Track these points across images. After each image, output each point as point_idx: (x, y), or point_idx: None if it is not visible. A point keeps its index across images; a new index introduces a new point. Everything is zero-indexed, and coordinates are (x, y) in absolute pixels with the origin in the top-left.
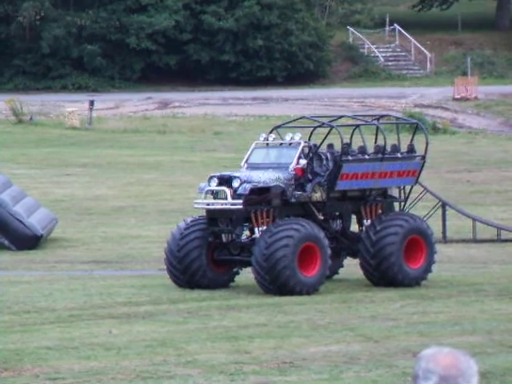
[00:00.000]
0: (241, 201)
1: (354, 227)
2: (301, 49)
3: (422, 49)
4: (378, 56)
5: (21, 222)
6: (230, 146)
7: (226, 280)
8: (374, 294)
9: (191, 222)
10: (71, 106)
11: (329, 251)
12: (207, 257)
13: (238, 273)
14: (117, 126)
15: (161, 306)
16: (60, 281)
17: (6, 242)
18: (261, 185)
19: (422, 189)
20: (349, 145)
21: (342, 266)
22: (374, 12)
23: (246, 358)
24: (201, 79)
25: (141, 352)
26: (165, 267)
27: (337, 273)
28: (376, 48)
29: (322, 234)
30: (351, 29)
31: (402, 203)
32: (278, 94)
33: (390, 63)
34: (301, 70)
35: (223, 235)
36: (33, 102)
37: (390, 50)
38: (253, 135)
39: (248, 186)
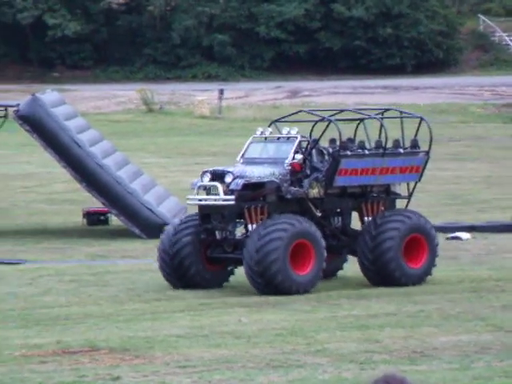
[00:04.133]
0: (233, 196)
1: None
2: (430, 37)
3: None
4: (509, 44)
5: (151, 210)
6: None
7: (221, 279)
8: (505, 283)
9: (185, 218)
10: (201, 95)
11: (324, 251)
12: (201, 255)
13: (233, 271)
14: (246, 114)
15: (290, 294)
16: None
17: (137, 231)
18: (254, 180)
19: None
20: (352, 140)
21: (344, 263)
22: (506, 0)
23: (376, 347)
24: (330, 68)
25: (270, 340)
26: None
27: (337, 271)
28: (507, 36)
29: (317, 232)
30: (482, 17)
31: (407, 200)
32: (408, 82)
33: None
34: (431, 58)
35: (217, 232)
36: (163, 92)
37: None
38: None
39: (240, 182)
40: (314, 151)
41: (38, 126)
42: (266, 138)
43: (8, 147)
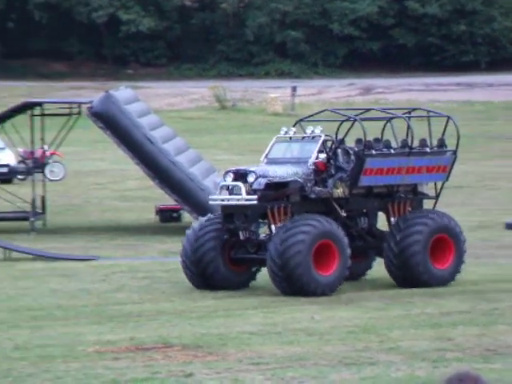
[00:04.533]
0: (255, 196)
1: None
2: (504, 34)
3: None
4: None
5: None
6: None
7: (246, 279)
8: None
9: (206, 221)
10: (273, 93)
11: (348, 250)
12: (224, 255)
13: (257, 272)
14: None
15: (363, 292)
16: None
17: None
18: (277, 179)
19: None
20: (378, 139)
21: (371, 267)
22: None
23: (449, 344)
24: (403, 65)
25: (343, 338)
26: None
27: (366, 271)
28: None
29: (340, 232)
30: None
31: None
32: (482, 79)
33: None
34: (505, 55)
35: (240, 232)
36: (236, 89)
37: None
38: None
39: (263, 181)
40: (339, 151)
41: (111, 122)
42: (290, 138)
43: (81, 144)
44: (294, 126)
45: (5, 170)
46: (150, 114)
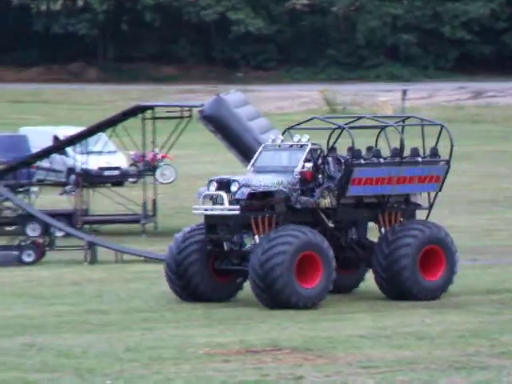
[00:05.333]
0: (238, 206)
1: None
2: None
3: None
4: None
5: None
6: None
7: (233, 290)
8: None
9: (188, 233)
10: (384, 96)
11: (334, 263)
12: (207, 268)
13: (242, 284)
14: (429, 115)
15: (473, 296)
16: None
17: None
18: (261, 189)
19: None
20: (371, 148)
21: (363, 279)
22: None
23: None
24: None
25: (453, 342)
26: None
27: (359, 284)
28: None
29: (325, 244)
30: None
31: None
32: None
33: None
34: None
35: (224, 243)
36: (346, 92)
37: None
38: None
39: (246, 191)
40: (330, 159)
41: (221, 126)
42: (279, 146)
43: (192, 147)
44: (282, 134)
45: (116, 172)
46: (260, 117)
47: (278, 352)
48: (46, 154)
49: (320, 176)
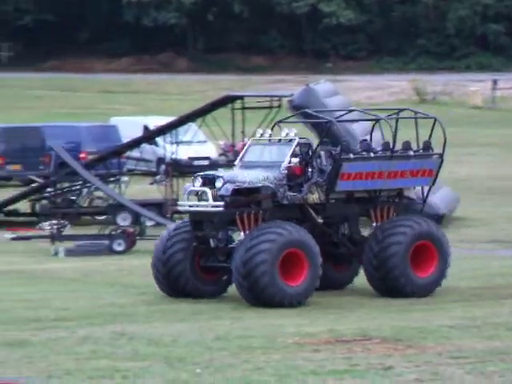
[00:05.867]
0: (222, 202)
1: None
2: None
3: None
4: None
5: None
6: None
7: (222, 287)
8: None
9: (174, 231)
10: (474, 86)
11: (320, 260)
12: (193, 266)
13: (229, 281)
14: None
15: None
16: (462, 259)
17: None
18: (246, 185)
19: None
20: (365, 141)
21: (357, 274)
22: None
23: None
24: None
25: None
26: None
27: (352, 280)
28: None
29: (311, 241)
30: None
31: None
32: None
33: None
34: None
35: (211, 240)
36: (436, 82)
37: None
38: None
39: (230, 187)
40: (322, 153)
41: (311, 116)
42: (269, 140)
43: None
44: (272, 129)
45: (206, 162)
46: (350, 107)
47: (368, 342)
48: (136, 144)
49: (310, 170)
